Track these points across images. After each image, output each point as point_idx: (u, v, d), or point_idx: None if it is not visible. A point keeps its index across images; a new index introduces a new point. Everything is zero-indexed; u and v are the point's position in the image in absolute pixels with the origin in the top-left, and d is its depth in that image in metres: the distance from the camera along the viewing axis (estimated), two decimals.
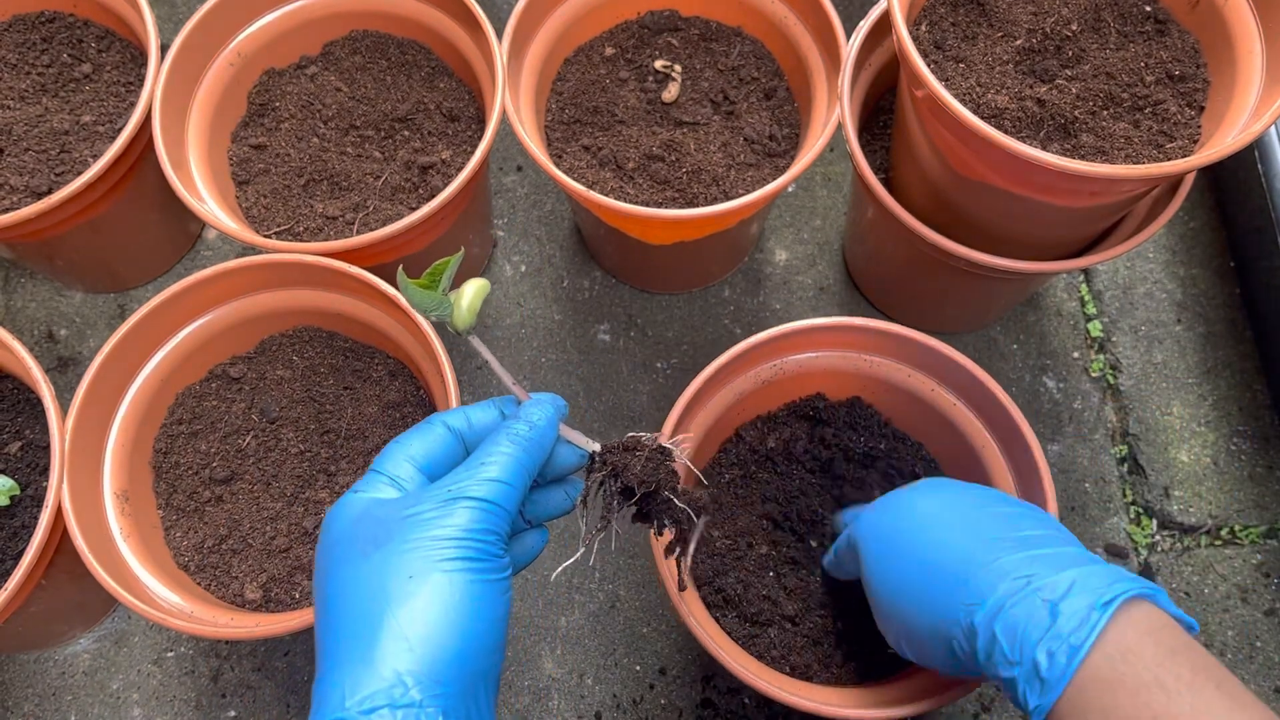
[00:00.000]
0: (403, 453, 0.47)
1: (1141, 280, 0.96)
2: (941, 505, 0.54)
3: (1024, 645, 0.43)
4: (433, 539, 0.41)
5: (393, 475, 0.46)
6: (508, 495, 0.44)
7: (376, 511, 0.44)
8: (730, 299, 0.96)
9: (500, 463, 0.45)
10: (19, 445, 0.75)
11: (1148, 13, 0.70)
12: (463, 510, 0.42)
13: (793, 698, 0.58)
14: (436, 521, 0.42)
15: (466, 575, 0.41)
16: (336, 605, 0.41)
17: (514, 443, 0.46)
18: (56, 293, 0.98)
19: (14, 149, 0.83)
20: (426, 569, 0.41)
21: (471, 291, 0.48)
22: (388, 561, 0.41)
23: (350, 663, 0.39)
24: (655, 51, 0.87)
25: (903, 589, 0.52)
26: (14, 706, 0.82)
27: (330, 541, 0.44)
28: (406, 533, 0.42)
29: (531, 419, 0.47)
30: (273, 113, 0.87)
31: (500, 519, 0.43)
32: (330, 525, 0.45)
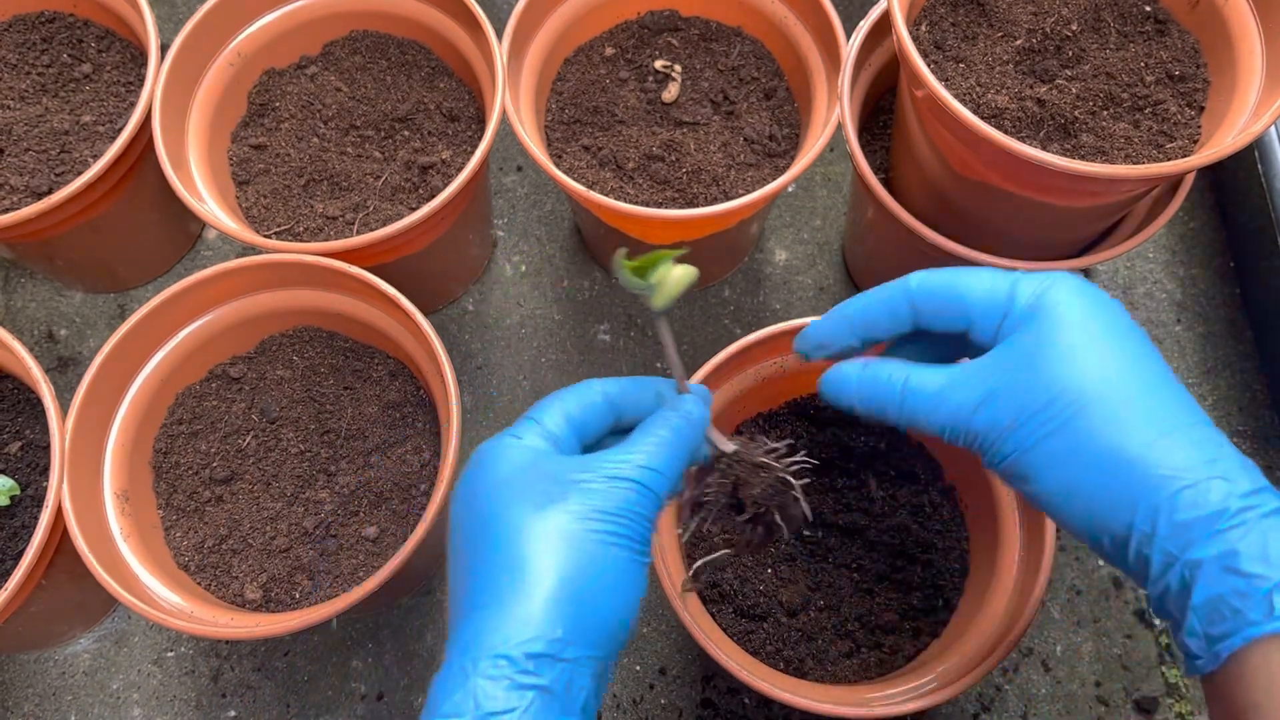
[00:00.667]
0: (560, 407, 0.48)
1: (1141, 280, 0.96)
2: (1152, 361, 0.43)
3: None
4: (603, 513, 0.42)
5: (548, 428, 0.47)
6: (663, 485, 0.45)
7: (546, 466, 0.44)
8: (730, 299, 0.96)
9: (660, 453, 0.45)
10: (19, 445, 0.75)
11: (1148, 13, 0.70)
12: (630, 491, 0.43)
13: (788, 695, 0.58)
14: (605, 496, 0.43)
15: (627, 555, 0.43)
16: (503, 547, 0.42)
17: (674, 434, 0.46)
18: (56, 293, 0.98)
19: (14, 149, 0.83)
20: (595, 541, 0.42)
21: (676, 277, 0.49)
22: (561, 523, 0.42)
23: (514, 605, 0.40)
24: (655, 51, 0.87)
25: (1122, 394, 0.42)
26: (14, 706, 0.82)
27: (494, 482, 0.44)
28: (580, 499, 0.43)
29: (691, 415, 0.48)
30: (273, 113, 0.87)
31: (656, 506, 0.45)
32: (493, 465, 0.45)
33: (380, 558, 0.71)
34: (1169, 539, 0.39)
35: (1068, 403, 0.42)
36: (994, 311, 0.45)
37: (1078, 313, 0.44)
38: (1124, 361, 0.43)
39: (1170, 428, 0.41)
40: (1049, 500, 0.43)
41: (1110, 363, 0.42)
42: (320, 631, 0.83)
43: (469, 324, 0.95)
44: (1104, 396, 0.42)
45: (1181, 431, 0.41)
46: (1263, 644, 0.36)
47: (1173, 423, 0.41)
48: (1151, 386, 0.42)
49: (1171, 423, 0.41)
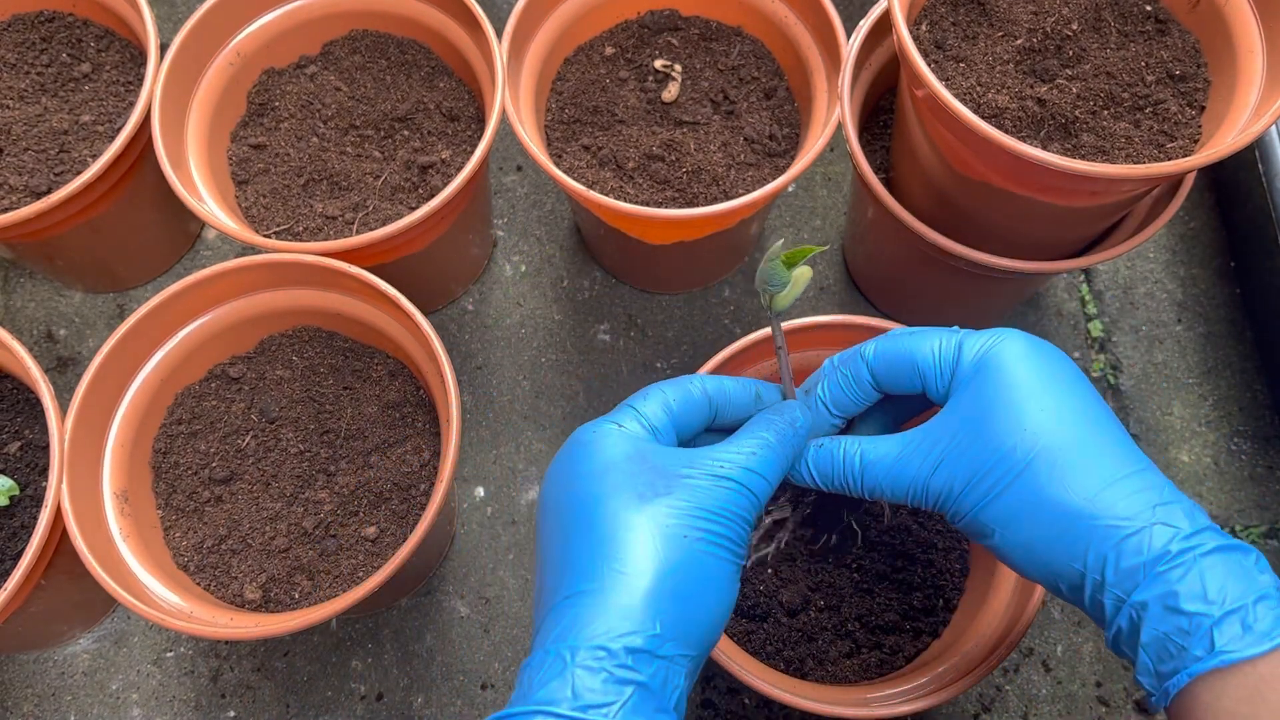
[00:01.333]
0: (661, 399, 0.48)
1: (1142, 280, 0.96)
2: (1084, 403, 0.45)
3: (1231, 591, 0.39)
4: (707, 513, 0.43)
5: (649, 418, 0.47)
6: (764, 489, 0.45)
7: (650, 457, 0.44)
8: (730, 299, 0.96)
9: (765, 456, 0.45)
10: (18, 445, 0.75)
11: (1148, 12, 0.70)
12: (733, 492, 0.44)
13: (788, 695, 0.58)
14: (709, 495, 0.43)
15: (725, 557, 0.43)
16: (605, 536, 0.42)
17: (779, 437, 0.47)
18: (56, 292, 0.98)
19: (13, 149, 0.83)
20: (697, 540, 0.42)
21: (807, 277, 0.51)
22: (664, 518, 0.42)
23: (615, 596, 0.40)
24: (655, 51, 0.87)
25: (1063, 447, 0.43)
26: (13, 707, 0.81)
27: (599, 466, 0.44)
28: (684, 495, 0.43)
29: (797, 421, 0.48)
30: (272, 112, 0.86)
31: (756, 509, 0.45)
32: (597, 449, 0.45)
33: (380, 558, 0.71)
34: (1117, 584, 0.41)
35: (1014, 462, 0.43)
36: (943, 372, 0.47)
37: (1018, 370, 0.45)
38: (1065, 416, 0.44)
39: (1113, 477, 0.42)
40: (1007, 554, 0.45)
41: (1051, 418, 0.43)
42: (320, 632, 0.83)
43: (469, 324, 0.95)
44: (1046, 453, 0.43)
45: (1124, 480, 0.42)
46: (1208, 679, 0.38)
47: (1115, 472, 0.42)
48: (1093, 439, 0.43)
49: (1114, 472, 0.42)
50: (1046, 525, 0.43)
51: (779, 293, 0.51)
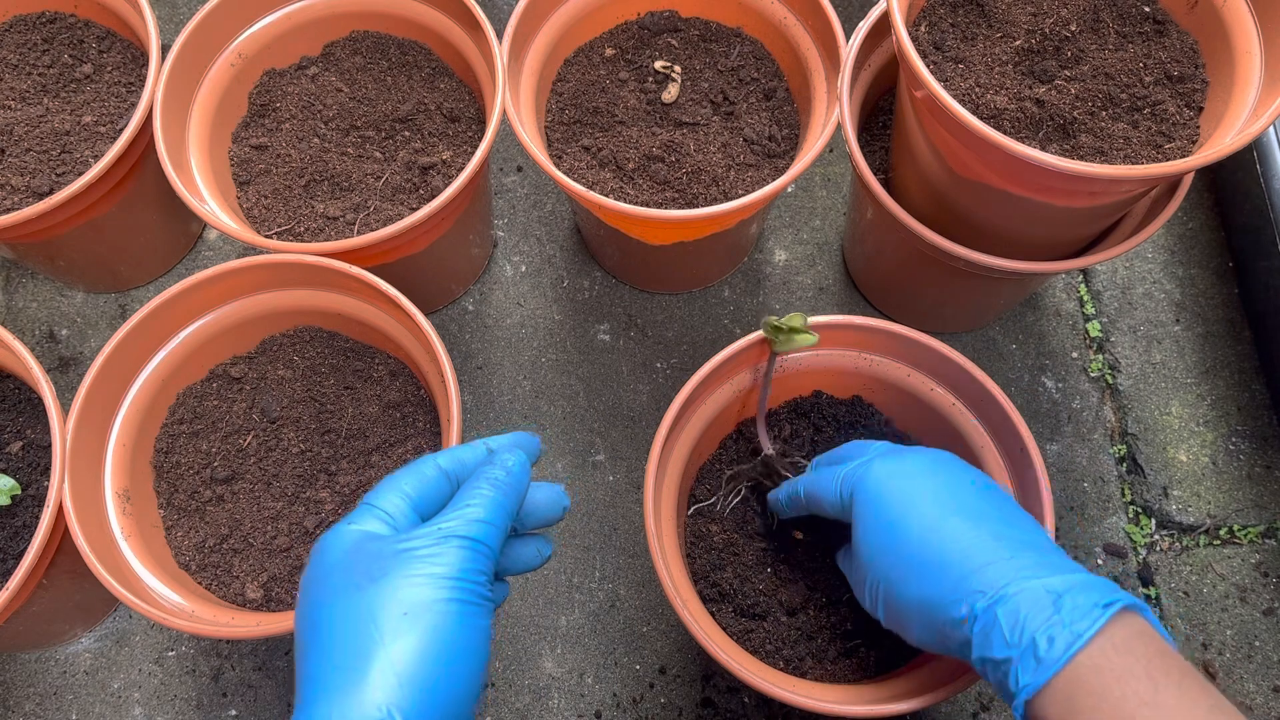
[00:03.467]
0: (396, 488, 0.48)
1: (1140, 280, 0.96)
2: (951, 488, 0.54)
3: (1024, 628, 0.45)
4: (428, 576, 0.42)
5: (386, 510, 0.46)
6: (493, 536, 0.45)
7: (371, 546, 0.44)
8: (730, 299, 0.96)
9: (483, 504, 0.46)
10: (20, 445, 0.75)
11: (1146, 13, 0.70)
12: (455, 549, 0.43)
13: (788, 694, 0.59)
14: (431, 559, 0.43)
15: (459, 614, 0.42)
16: (327, 635, 0.42)
17: (494, 486, 0.47)
18: (58, 292, 0.98)
19: (15, 149, 0.83)
20: (421, 606, 0.41)
21: (804, 339, 0.66)
22: (382, 595, 0.42)
23: (339, 692, 0.40)
24: (655, 52, 0.87)
25: (899, 563, 0.53)
26: (15, 706, 0.82)
27: (323, 571, 0.44)
28: (402, 568, 0.42)
29: (507, 465, 0.49)
30: (273, 113, 0.87)
31: (488, 560, 0.45)
32: (323, 554, 0.45)
33: None
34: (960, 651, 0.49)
35: (875, 578, 0.54)
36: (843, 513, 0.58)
37: (868, 506, 0.55)
38: (900, 531, 0.53)
39: (940, 577, 0.50)
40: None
41: (886, 537, 0.54)
42: None
43: (469, 324, 0.95)
44: (891, 567, 0.53)
45: (954, 582, 0.49)
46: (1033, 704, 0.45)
47: (942, 573, 0.50)
48: (927, 554, 0.51)
49: (941, 573, 0.50)
50: (916, 626, 0.52)
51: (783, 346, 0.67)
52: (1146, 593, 0.84)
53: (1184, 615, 0.83)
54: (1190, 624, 0.82)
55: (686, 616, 0.60)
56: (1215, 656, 0.81)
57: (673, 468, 0.68)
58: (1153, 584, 0.84)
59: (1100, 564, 0.84)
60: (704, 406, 0.70)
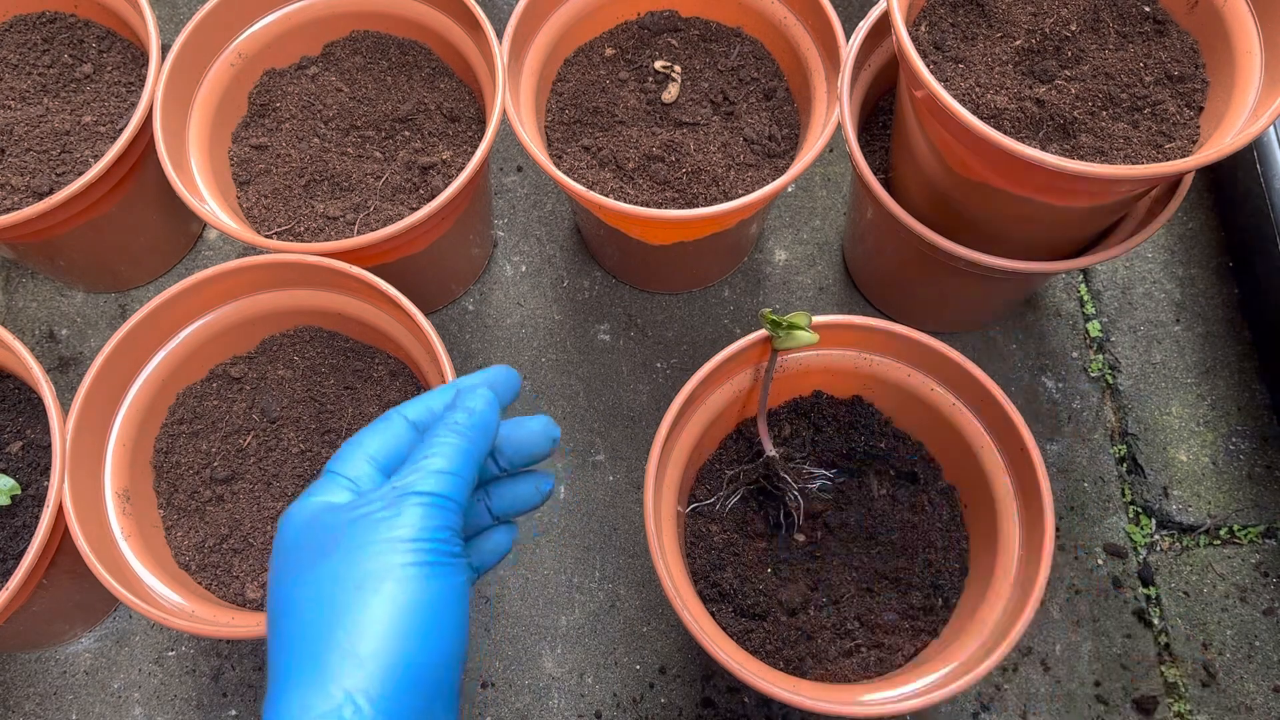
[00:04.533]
0: (359, 451, 0.44)
1: (1140, 280, 0.96)
2: None
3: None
4: (384, 541, 0.38)
5: (348, 475, 0.43)
6: (457, 487, 0.41)
7: (325, 517, 0.41)
8: (730, 299, 0.96)
9: (444, 453, 0.42)
10: (20, 445, 0.75)
11: (1147, 13, 0.70)
12: (412, 508, 0.39)
13: (788, 694, 0.59)
14: (386, 522, 0.39)
15: (421, 579, 0.38)
16: (284, 621, 0.39)
17: (455, 432, 0.43)
18: (58, 292, 0.98)
19: (15, 149, 0.83)
20: (377, 576, 0.38)
21: (805, 338, 0.67)
22: (336, 569, 0.38)
23: (299, 684, 0.36)
24: (655, 52, 0.87)
25: None
26: (15, 706, 0.82)
27: (279, 552, 0.41)
28: (355, 536, 0.39)
29: (469, 406, 0.44)
30: (273, 113, 0.87)
31: (452, 513, 0.41)
32: (279, 536, 0.42)
33: None
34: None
35: None
36: None
37: None
38: None
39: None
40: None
41: None
42: None
43: (469, 324, 0.95)
44: None
45: None
46: None
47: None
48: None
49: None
50: None
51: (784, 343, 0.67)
52: (1146, 593, 0.84)
53: (1184, 615, 0.83)
54: (1190, 624, 0.82)
55: (686, 616, 0.60)
56: (1215, 656, 0.81)
57: (673, 468, 0.68)
58: (1153, 584, 0.84)
59: (1101, 564, 0.84)
60: (704, 406, 0.70)
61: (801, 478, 0.69)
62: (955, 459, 0.71)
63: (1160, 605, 0.83)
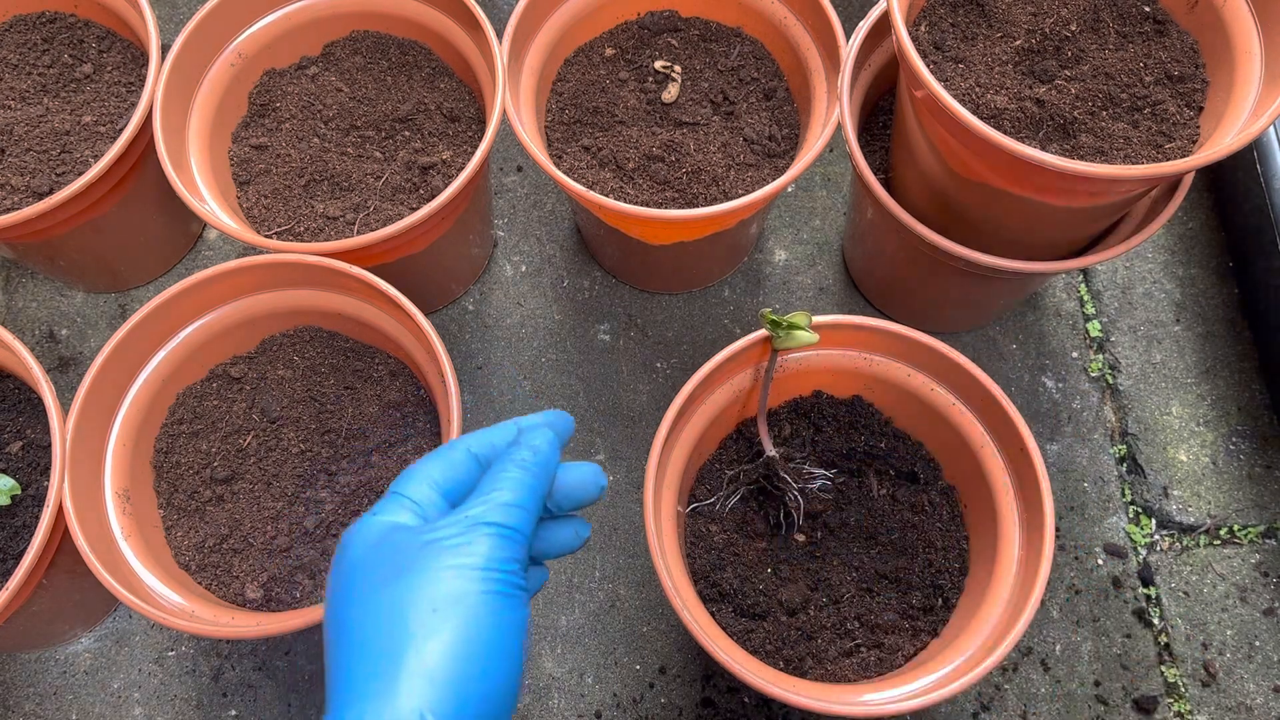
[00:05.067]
0: (424, 476, 0.45)
1: (1140, 280, 0.96)
2: None
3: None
4: (457, 568, 0.40)
5: (414, 499, 0.44)
6: (524, 520, 0.43)
7: (396, 538, 0.42)
8: (730, 299, 0.96)
9: (512, 487, 0.44)
10: (20, 445, 0.75)
11: (1147, 13, 0.70)
12: (484, 537, 0.41)
13: (788, 694, 0.59)
14: (459, 549, 0.41)
15: (492, 607, 0.40)
16: (354, 635, 0.40)
17: (522, 468, 0.45)
18: (58, 292, 0.98)
19: (15, 149, 0.83)
20: (450, 600, 0.39)
21: (804, 338, 0.67)
22: (410, 591, 0.40)
23: (370, 697, 0.38)
24: (655, 52, 0.87)
25: None
26: (15, 706, 0.82)
27: (348, 567, 0.43)
28: (428, 560, 0.40)
29: (535, 444, 0.47)
30: (273, 113, 0.87)
31: (520, 545, 0.42)
32: (347, 549, 0.43)
33: None
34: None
35: None
36: None
37: None
38: None
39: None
40: None
41: None
42: (321, 631, 0.83)
43: (469, 324, 0.95)
44: None
45: None
46: None
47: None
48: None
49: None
50: None
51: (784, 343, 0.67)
52: (1146, 593, 0.84)
53: (1184, 615, 0.83)
54: (1190, 624, 0.82)
55: (686, 616, 0.60)
56: (1215, 656, 0.81)
57: (673, 468, 0.68)
58: (1153, 584, 0.84)
59: (1101, 564, 0.84)
60: (704, 406, 0.70)
61: (801, 478, 0.69)
62: (955, 459, 0.71)
63: (1160, 605, 0.83)
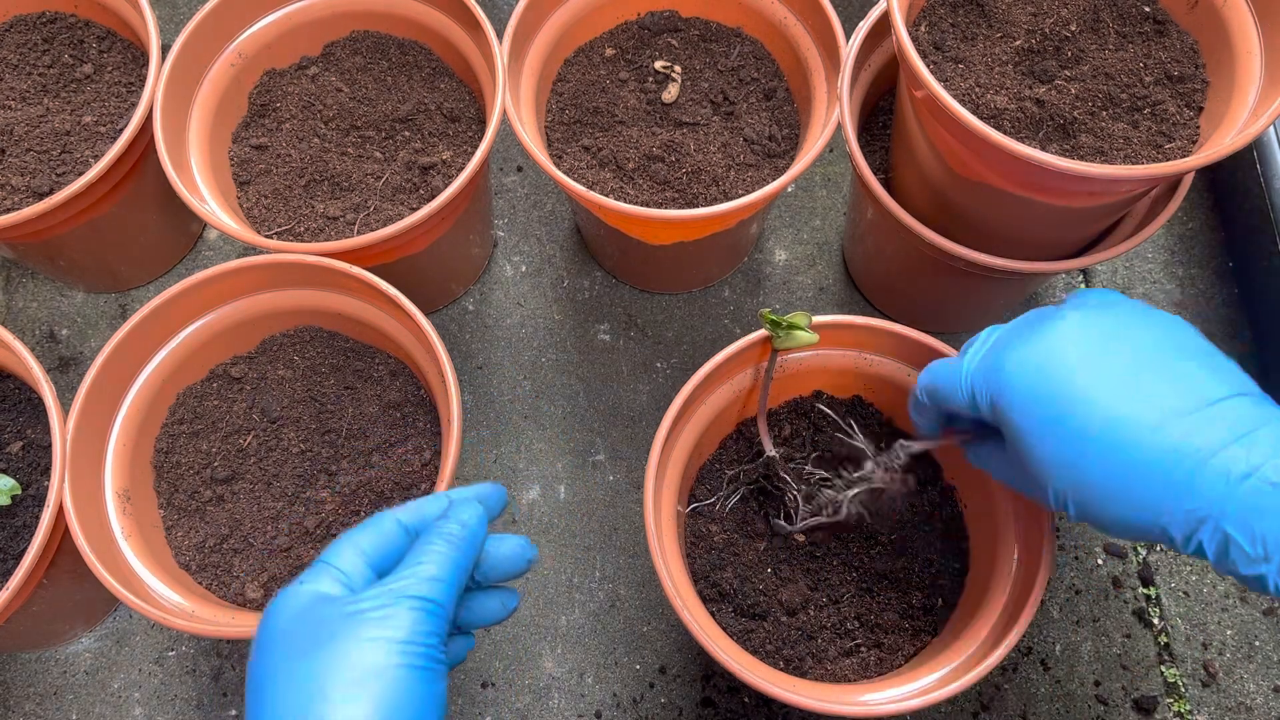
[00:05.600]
0: (352, 546, 0.46)
1: (1140, 280, 0.96)
2: (1123, 363, 0.48)
3: (1266, 543, 0.42)
4: (377, 640, 0.41)
5: (340, 568, 0.45)
6: (447, 594, 0.44)
7: (320, 609, 0.43)
8: (730, 299, 0.96)
9: (436, 561, 0.44)
10: (20, 445, 0.75)
11: (1146, 13, 0.70)
12: (407, 611, 0.42)
13: (788, 694, 0.59)
14: (379, 622, 0.41)
15: (410, 681, 0.40)
16: (272, 705, 0.40)
17: (447, 542, 0.46)
18: (58, 292, 0.98)
19: (15, 149, 0.83)
20: (371, 673, 0.40)
21: (804, 338, 0.67)
22: (330, 661, 0.40)
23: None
24: (655, 52, 0.87)
25: (1086, 480, 0.47)
26: (15, 706, 0.82)
27: (269, 638, 0.43)
28: (350, 630, 0.41)
29: (462, 518, 0.48)
30: (274, 113, 0.87)
31: (441, 620, 0.43)
32: (269, 619, 0.43)
33: None
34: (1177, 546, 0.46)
35: (1059, 490, 0.49)
36: (969, 409, 0.55)
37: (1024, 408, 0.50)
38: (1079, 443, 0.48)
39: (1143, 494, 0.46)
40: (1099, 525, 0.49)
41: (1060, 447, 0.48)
42: None
43: (469, 324, 0.95)
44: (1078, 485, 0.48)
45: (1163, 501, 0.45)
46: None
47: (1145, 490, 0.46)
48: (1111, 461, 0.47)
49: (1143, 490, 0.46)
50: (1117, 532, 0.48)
51: (784, 343, 0.67)
52: (1146, 593, 0.84)
53: (1184, 615, 0.83)
54: (1190, 624, 0.82)
55: (686, 616, 0.60)
56: (1215, 656, 0.81)
57: (673, 468, 0.68)
58: (1153, 584, 0.84)
59: (1100, 564, 0.84)
60: (704, 406, 0.70)
61: (802, 478, 0.69)
62: (955, 459, 0.71)
63: (1160, 605, 0.83)
